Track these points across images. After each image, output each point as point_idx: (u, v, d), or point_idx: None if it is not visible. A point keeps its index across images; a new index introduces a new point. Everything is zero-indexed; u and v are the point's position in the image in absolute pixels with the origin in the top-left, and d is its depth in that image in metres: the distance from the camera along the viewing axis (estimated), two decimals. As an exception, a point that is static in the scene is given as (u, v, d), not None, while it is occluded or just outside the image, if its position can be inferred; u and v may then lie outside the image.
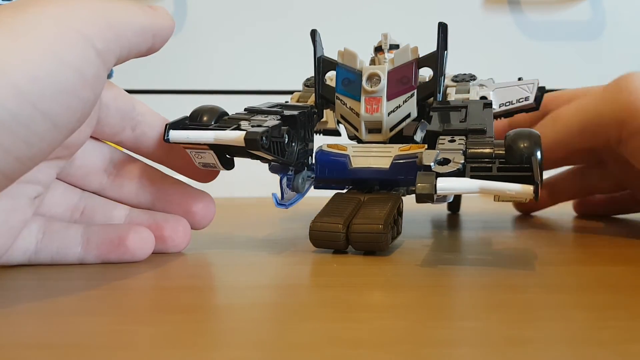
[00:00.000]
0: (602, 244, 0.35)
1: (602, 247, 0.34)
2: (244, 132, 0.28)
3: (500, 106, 0.36)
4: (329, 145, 0.35)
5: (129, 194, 0.31)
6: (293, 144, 0.32)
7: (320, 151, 0.35)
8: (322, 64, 0.36)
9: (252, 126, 0.29)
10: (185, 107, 0.71)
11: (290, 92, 0.39)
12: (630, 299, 0.23)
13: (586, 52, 0.69)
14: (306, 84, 0.40)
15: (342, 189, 0.35)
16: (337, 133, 0.39)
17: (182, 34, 0.69)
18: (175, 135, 0.29)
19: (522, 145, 0.27)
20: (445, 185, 0.25)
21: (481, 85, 0.37)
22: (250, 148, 0.28)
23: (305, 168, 0.35)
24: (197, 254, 0.32)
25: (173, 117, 0.31)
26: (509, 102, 0.36)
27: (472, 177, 0.26)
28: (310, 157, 0.35)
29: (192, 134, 0.29)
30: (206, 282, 0.27)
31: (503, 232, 0.39)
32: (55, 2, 0.23)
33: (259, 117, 0.31)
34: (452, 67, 0.39)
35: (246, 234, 0.38)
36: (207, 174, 0.32)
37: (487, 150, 0.27)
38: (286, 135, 0.30)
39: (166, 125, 0.29)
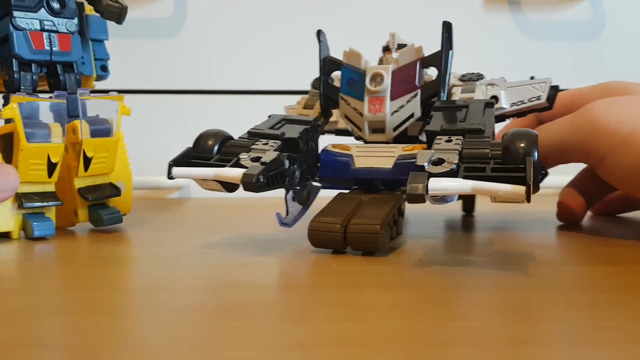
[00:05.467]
0: (601, 244, 0.35)
1: (601, 247, 0.34)
2: (242, 172, 0.29)
3: (511, 105, 0.35)
4: (333, 146, 0.35)
5: None
6: (294, 166, 0.32)
7: (325, 151, 0.34)
8: (328, 64, 0.36)
9: (252, 159, 0.30)
10: (186, 107, 0.71)
11: (292, 93, 0.39)
12: (630, 299, 0.23)
13: (586, 52, 0.69)
14: (314, 85, 0.40)
15: (347, 189, 0.35)
16: (348, 133, 0.39)
17: (183, 34, 0.69)
18: (179, 172, 0.30)
19: (518, 146, 0.26)
20: (437, 185, 0.25)
21: (492, 84, 0.36)
22: (247, 190, 0.29)
23: (311, 181, 0.35)
24: (197, 254, 0.32)
25: (172, 117, 0.31)
26: (521, 101, 0.35)
27: (465, 177, 0.26)
28: (316, 167, 0.35)
29: (193, 171, 0.30)
30: (206, 282, 0.27)
31: (502, 233, 0.39)
32: None
33: (260, 144, 0.32)
34: (453, 66, 0.39)
35: (246, 234, 0.38)
36: None
37: (483, 151, 0.27)
38: (286, 161, 0.31)
39: (169, 162, 0.30)
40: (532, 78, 0.37)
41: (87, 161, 0.37)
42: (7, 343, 0.18)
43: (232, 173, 0.29)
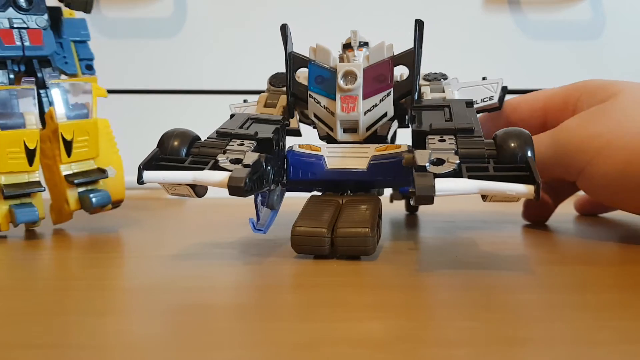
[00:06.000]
0: (600, 244, 0.35)
1: (600, 247, 0.34)
2: (227, 176, 0.27)
3: None
4: (300, 146, 0.33)
5: None
6: (269, 168, 0.30)
7: (292, 152, 0.33)
8: (293, 61, 0.34)
9: (231, 161, 0.28)
10: (186, 107, 0.71)
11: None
12: (630, 299, 0.23)
13: (586, 52, 0.69)
14: (272, 82, 0.38)
15: (311, 191, 0.33)
16: (298, 133, 0.38)
17: (182, 34, 0.69)
18: (151, 176, 0.28)
19: (513, 145, 0.26)
20: (444, 186, 0.24)
21: (446, 84, 0.37)
22: (233, 194, 0.27)
23: (280, 184, 0.33)
24: (195, 255, 0.32)
25: (172, 117, 0.30)
26: (474, 101, 0.36)
27: (469, 177, 0.25)
28: (283, 169, 0.33)
29: (168, 175, 0.28)
30: (203, 282, 0.26)
31: (492, 233, 0.38)
32: None
33: (235, 145, 0.30)
34: (451, 67, 0.39)
35: (244, 234, 0.38)
36: None
37: (480, 150, 0.27)
38: (264, 163, 0.29)
39: (139, 166, 0.28)
40: (484, 79, 0.37)
41: (68, 145, 0.37)
42: (7, 343, 0.18)
43: (215, 177, 0.27)
